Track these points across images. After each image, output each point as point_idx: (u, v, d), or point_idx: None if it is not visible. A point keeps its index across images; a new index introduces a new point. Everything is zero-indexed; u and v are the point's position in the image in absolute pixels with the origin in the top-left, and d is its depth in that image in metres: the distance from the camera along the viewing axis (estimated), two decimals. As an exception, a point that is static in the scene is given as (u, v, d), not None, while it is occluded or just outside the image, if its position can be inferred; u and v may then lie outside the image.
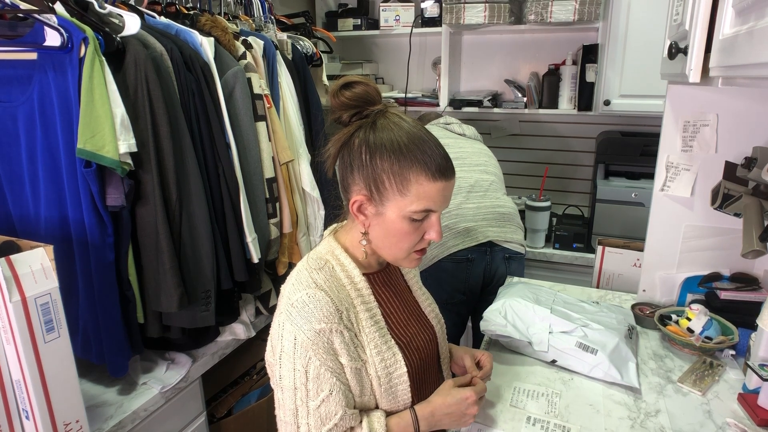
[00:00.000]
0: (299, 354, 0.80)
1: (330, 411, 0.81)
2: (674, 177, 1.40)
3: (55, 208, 1.15)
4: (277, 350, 0.83)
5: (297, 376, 0.81)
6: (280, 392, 0.85)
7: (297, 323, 0.80)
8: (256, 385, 1.73)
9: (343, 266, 0.90)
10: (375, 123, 0.83)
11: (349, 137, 0.84)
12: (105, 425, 1.12)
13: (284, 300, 0.85)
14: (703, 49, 0.85)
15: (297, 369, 0.81)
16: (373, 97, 0.85)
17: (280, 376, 0.83)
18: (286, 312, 0.82)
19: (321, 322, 0.80)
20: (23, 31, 1.13)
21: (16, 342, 0.86)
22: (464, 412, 0.91)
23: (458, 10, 2.21)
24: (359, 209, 0.86)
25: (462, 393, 0.92)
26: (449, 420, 0.91)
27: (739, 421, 1.00)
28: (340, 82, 0.85)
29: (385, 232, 0.86)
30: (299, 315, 0.81)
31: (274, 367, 0.85)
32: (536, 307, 1.27)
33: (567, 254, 2.16)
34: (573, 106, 2.27)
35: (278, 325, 0.84)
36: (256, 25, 1.81)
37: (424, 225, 0.85)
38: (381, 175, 0.82)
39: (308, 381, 0.80)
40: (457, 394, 0.92)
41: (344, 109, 0.85)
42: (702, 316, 1.25)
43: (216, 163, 1.33)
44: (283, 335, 0.82)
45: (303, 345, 0.80)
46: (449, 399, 0.91)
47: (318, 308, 0.81)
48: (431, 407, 0.90)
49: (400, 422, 0.87)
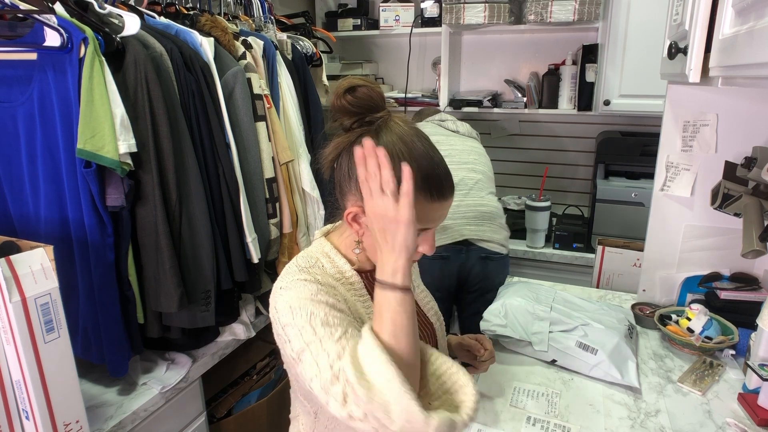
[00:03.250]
0: (298, 315, 0.76)
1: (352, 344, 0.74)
2: (674, 177, 1.40)
3: (55, 208, 1.15)
4: (280, 331, 0.79)
5: (304, 333, 0.75)
6: (299, 365, 0.75)
7: (287, 297, 0.78)
8: (256, 385, 1.73)
9: (333, 263, 0.88)
10: (378, 134, 0.80)
11: (350, 144, 0.82)
12: (105, 425, 1.12)
13: (273, 289, 0.83)
14: (702, 49, 0.85)
15: (303, 327, 0.75)
16: (377, 103, 0.82)
17: (292, 347, 0.76)
18: (277, 294, 0.80)
19: (312, 290, 0.78)
20: (23, 31, 1.13)
21: (16, 342, 0.86)
22: (380, 219, 0.72)
23: (458, 10, 2.21)
24: (354, 219, 0.84)
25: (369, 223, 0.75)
26: (388, 233, 0.72)
27: (739, 421, 1.00)
28: (344, 86, 0.81)
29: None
30: (288, 292, 0.78)
31: (284, 345, 0.79)
32: (536, 306, 1.27)
33: (567, 254, 2.16)
34: (573, 106, 2.27)
35: (273, 309, 0.81)
36: (255, 25, 1.81)
37: (417, 239, 0.84)
38: None
39: (316, 330, 0.74)
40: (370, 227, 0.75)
41: (346, 114, 0.82)
42: (702, 316, 1.25)
43: (216, 164, 1.33)
44: (279, 312, 0.78)
45: (299, 306, 0.76)
46: (373, 241, 0.76)
47: (306, 286, 0.79)
48: (377, 262, 0.76)
49: (374, 313, 0.75)
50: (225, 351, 1.48)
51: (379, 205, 0.72)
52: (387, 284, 0.72)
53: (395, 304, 0.72)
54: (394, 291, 0.72)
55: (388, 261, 0.73)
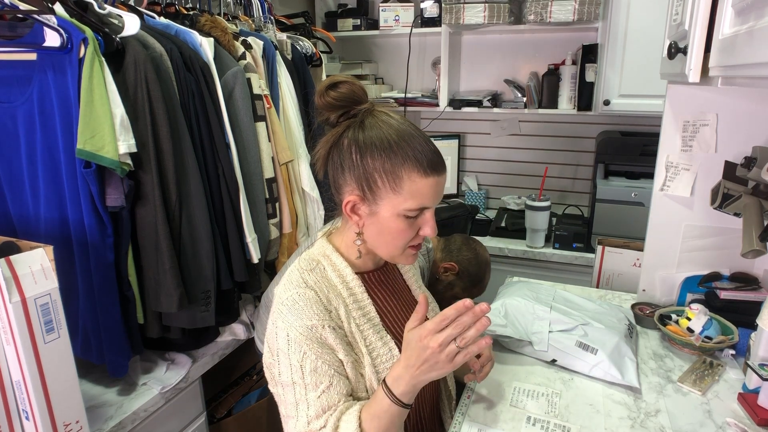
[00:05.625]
0: (293, 350, 0.81)
1: (332, 401, 0.81)
2: (674, 177, 1.40)
3: (55, 208, 1.15)
4: (273, 349, 0.84)
5: (293, 371, 0.81)
6: (280, 388, 0.84)
7: (288, 320, 0.81)
8: (256, 385, 1.73)
9: (334, 266, 0.90)
10: (363, 122, 0.83)
11: (338, 138, 0.84)
12: (105, 426, 1.12)
13: (276, 300, 0.86)
14: (702, 48, 0.85)
15: (293, 365, 0.81)
16: (360, 96, 0.85)
17: (279, 372, 0.83)
18: (278, 311, 0.83)
19: (312, 319, 0.81)
20: (23, 31, 1.13)
21: (16, 342, 0.86)
22: (433, 356, 0.74)
23: (458, 10, 2.21)
24: (352, 209, 0.85)
25: (415, 335, 0.76)
26: (428, 368, 0.75)
27: (739, 421, 1.00)
28: (325, 83, 0.84)
29: (379, 230, 0.85)
30: (290, 312, 0.82)
31: (272, 366, 0.85)
32: (536, 305, 1.27)
33: (567, 254, 2.16)
34: (573, 106, 2.27)
35: (272, 323, 0.85)
36: (255, 25, 1.81)
37: (418, 221, 0.85)
38: (373, 174, 0.81)
39: (305, 375, 0.80)
40: (411, 338, 0.76)
41: (331, 109, 0.84)
42: (702, 315, 1.25)
43: (216, 164, 1.33)
44: (277, 333, 0.82)
45: (296, 341, 0.80)
46: (408, 350, 0.77)
47: (308, 306, 0.82)
48: (399, 367, 0.78)
49: (372, 403, 0.80)
50: (225, 351, 1.48)
51: (441, 341, 0.73)
52: (395, 399, 0.77)
53: (392, 415, 0.78)
54: (398, 405, 0.78)
55: (407, 380, 0.77)
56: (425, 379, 0.77)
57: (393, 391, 0.77)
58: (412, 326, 0.78)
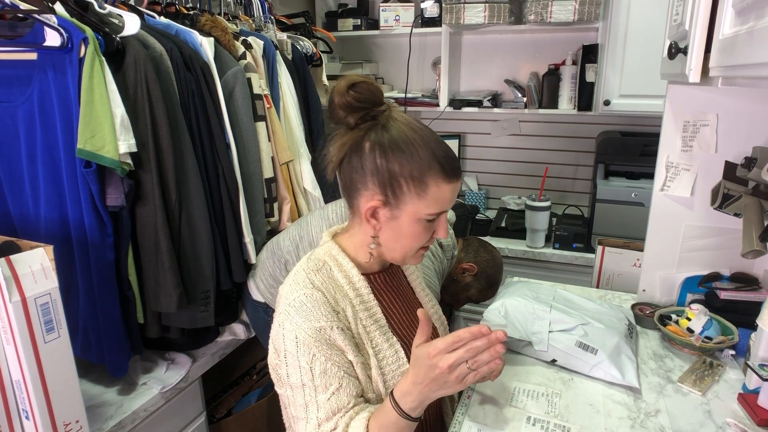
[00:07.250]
0: (302, 352, 0.80)
1: (342, 402, 0.80)
2: (674, 177, 1.40)
3: (55, 208, 1.15)
4: (281, 351, 0.83)
5: (303, 373, 0.80)
6: (288, 390, 0.83)
7: (296, 322, 0.81)
8: (256, 385, 1.73)
9: (341, 267, 0.89)
10: (386, 125, 0.81)
11: (359, 141, 0.81)
12: (105, 425, 1.12)
13: (282, 300, 0.85)
14: (702, 49, 0.85)
15: (302, 367, 0.80)
16: (379, 97, 0.83)
17: (288, 374, 0.82)
18: (285, 312, 0.83)
19: (320, 320, 0.80)
20: (23, 31, 1.13)
21: (16, 342, 0.86)
22: (442, 376, 0.73)
23: (458, 10, 2.21)
24: (373, 215, 0.84)
25: (423, 351, 0.74)
26: (437, 386, 0.75)
27: (739, 421, 1.00)
28: (344, 83, 0.80)
29: (396, 234, 0.84)
30: (297, 314, 0.81)
31: (279, 367, 0.84)
32: (536, 305, 1.27)
33: (567, 254, 2.16)
34: (573, 106, 2.27)
35: (278, 325, 0.84)
36: (255, 25, 1.81)
37: (433, 224, 0.85)
38: (398, 179, 0.79)
39: (315, 377, 0.80)
40: (420, 355, 0.75)
41: (350, 110, 0.81)
42: (702, 316, 1.25)
43: (216, 164, 1.33)
44: (285, 335, 0.82)
45: (305, 343, 0.80)
46: (416, 366, 0.76)
47: (316, 307, 0.81)
48: (407, 382, 0.78)
49: (380, 413, 0.80)
50: (225, 351, 1.48)
51: (451, 363, 0.73)
52: (403, 413, 0.77)
53: (401, 428, 0.78)
54: (407, 419, 0.77)
55: (416, 396, 0.76)
56: (434, 396, 0.77)
57: (401, 406, 0.77)
58: (418, 343, 0.78)
